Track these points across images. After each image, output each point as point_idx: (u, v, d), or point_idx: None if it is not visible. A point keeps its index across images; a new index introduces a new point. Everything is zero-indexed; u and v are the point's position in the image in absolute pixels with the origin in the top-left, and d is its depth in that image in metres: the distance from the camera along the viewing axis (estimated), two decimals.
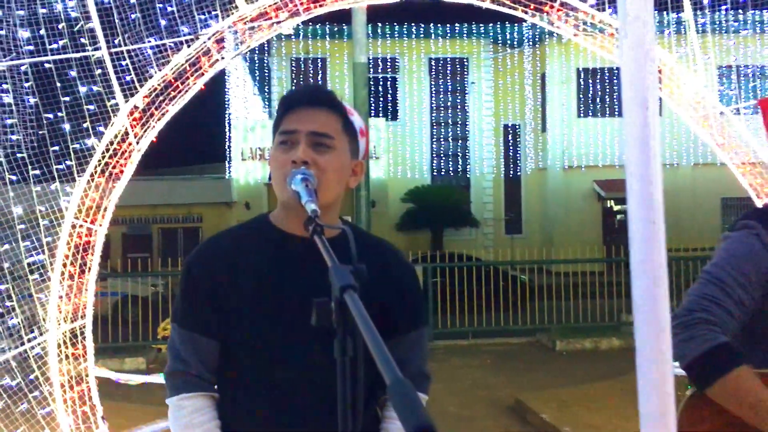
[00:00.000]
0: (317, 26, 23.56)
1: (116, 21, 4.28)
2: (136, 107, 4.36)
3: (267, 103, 25.47)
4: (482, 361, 9.96)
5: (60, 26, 4.05)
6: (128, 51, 4.33)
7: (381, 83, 24.12)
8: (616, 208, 24.08)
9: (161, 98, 4.46)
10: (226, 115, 23.30)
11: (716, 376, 1.82)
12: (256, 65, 24.19)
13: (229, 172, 23.08)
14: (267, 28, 4.76)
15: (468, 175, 24.86)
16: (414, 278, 2.00)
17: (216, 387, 1.88)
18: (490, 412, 7.58)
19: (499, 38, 24.17)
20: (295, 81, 24.21)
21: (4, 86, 3.75)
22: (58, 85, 4.01)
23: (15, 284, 3.68)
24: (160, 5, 4.41)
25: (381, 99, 24.15)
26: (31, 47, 3.91)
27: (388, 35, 23.58)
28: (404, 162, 24.18)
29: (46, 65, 3.99)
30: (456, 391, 8.28)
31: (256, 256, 1.87)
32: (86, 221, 4.05)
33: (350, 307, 1.22)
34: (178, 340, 1.87)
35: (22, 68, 3.88)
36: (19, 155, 3.80)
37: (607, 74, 22.67)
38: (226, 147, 23.07)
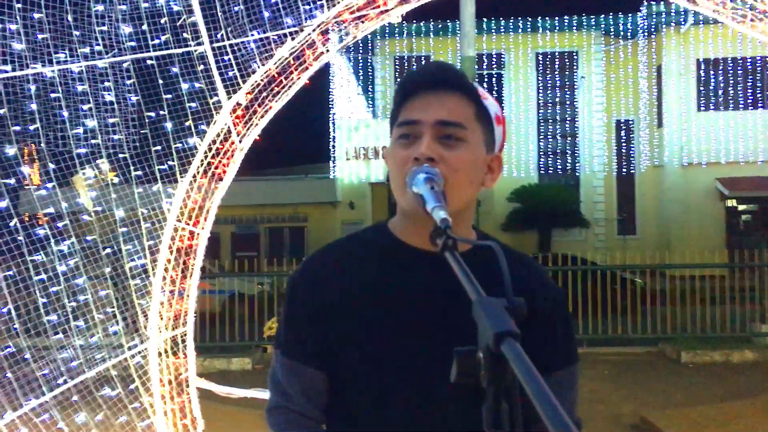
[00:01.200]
0: (422, 23, 23.28)
1: (219, 14, 4.09)
2: (238, 104, 4.16)
3: (371, 102, 25.43)
4: (599, 372, 9.30)
5: (162, 21, 3.89)
6: (231, 45, 4.13)
7: (486, 80, 23.54)
8: (740, 208, 22.45)
9: (264, 94, 4.24)
10: (330, 115, 23.40)
11: None
12: (360, 64, 24.17)
13: (334, 172, 23.17)
14: (375, 17, 4.46)
15: (577, 173, 23.88)
16: (564, 305, 1.62)
17: (324, 426, 1.57)
18: (612, 430, 6.99)
19: (611, 30, 23.06)
20: (398, 79, 24.00)
21: (106, 84, 3.61)
22: (160, 82, 3.84)
23: (116, 290, 3.54)
24: None
25: None
26: (133, 43, 3.76)
27: (493, 30, 23.00)
28: (510, 160, 23.51)
29: (148, 61, 3.83)
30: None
31: (370, 273, 1.54)
32: (188, 224, 3.88)
33: (511, 363, 0.85)
34: (280, 370, 1.57)
35: (124, 65, 3.73)
36: (121, 155, 3.66)
37: (731, 65, 21.14)
38: (331, 147, 23.17)
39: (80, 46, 3.58)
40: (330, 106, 23.76)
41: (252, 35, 4.19)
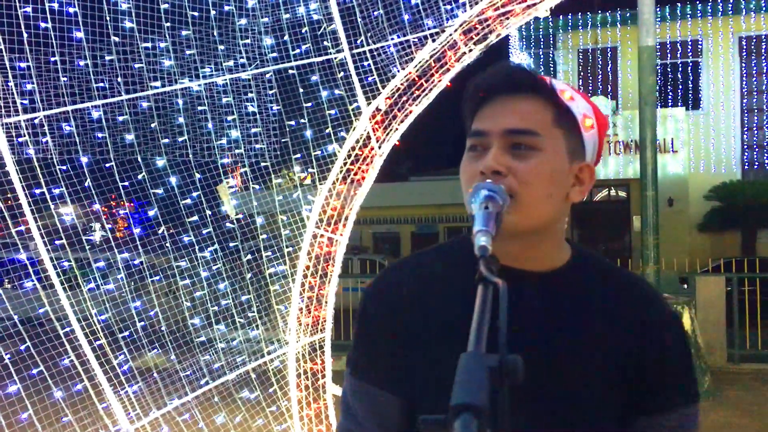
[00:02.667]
0: (607, 13, 22.11)
1: (358, 20, 4.08)
2: (378, 109, 4.13)
3: None
4: None
5: (303, 30, 3.95)
6: (370, 51, 4.11)
7: (680, 69, 21.84)
8: None
9: (404, 98, 4.17)
10: None
11: None
12: (541, 59, 23.46)
13: None
14: (521, 12, 4.22)
15: None
16: (677, 334, 1.38)
17: None
18: None
19: None
20: (582, 74, 23.02)
21: (249, 95, 3.73)
22: (301, 91, 3.91)
23: (256, 295, 3.64)
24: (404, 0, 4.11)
25: (680, 86, 21.87)
26: (275, 54, 3.85)
27: (688, 15, 21.27)
28: (708, 155, 21.62)
29: (290, 71, 3.91)
30: (763, 428, 6.90)
31: (449, 289, 1.39)
32: (327, 230, 3.90)
33: None
34: (351, 392, 1.46)
35: (266, 76, 3.83)
36: (263, 164, 3.77)
37: None
38: None
39: (225, 59, 3.73)
40: None
41: (392, 39, 4.14)
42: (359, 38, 4.09)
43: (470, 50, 4.23)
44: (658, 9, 21.45)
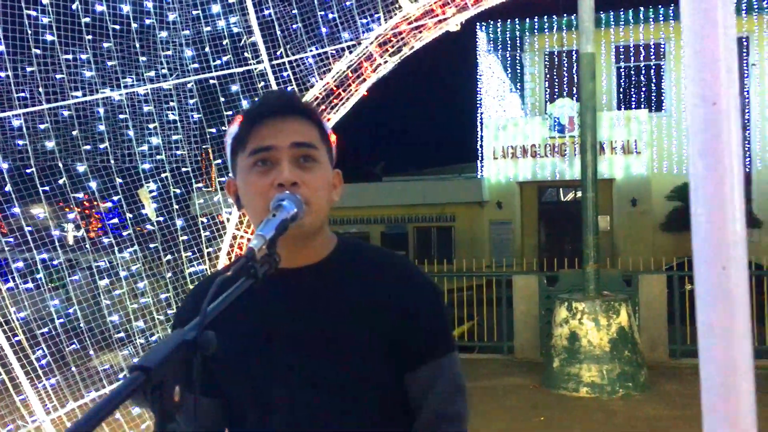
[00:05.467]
0: (572, 17, 22.50)
1: (278, 33, 4.30)
2: None
3: (521, 100, 24.99)
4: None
5: (223, 43, 4.16)
6: (290, 62, 4.34)
7: (643, 72, 22.30)
8: None
9: (322, 107, 4.40)
10: (478, 114, 23.28)
11: None
12: (509, 62, 23.81)
13: (481, 172, 23.03)
14: (433, 26, 4.47)
15: (748, 169, 21.92)
16: (431, 297, 1.61)
17: None
18: None
19: None
20: (548, 76, 23.39)
21: (171, 104, 3.94)
22: (222, 99, 4.12)
23: (175, 293, 3.86)
24: (322, 13, 4.35)
25: (643, 89, 22.32)
26: (196, 65, 4.06)
27: (651, 19, 21.72)
28: (670, 156, 22.08)
29: (210, 81, 4.12)
30: (694, 422, 7.20)
31: (247, 301, 1.61)
32: (247, 232, 4.12)
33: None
34: None
35: (188, 86, 4.04)
36: (183, 169, 3.97)
37: None
38: (479, 146, 23.04)
39: (146, 70, 3.94)
40: (478, 105, 23.63)
41: (310, 51, 4.37)
42: (279, 50, 4.31)
43: (386, 61, 4.47)
44: (621, 12, 21.95)
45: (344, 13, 4.34)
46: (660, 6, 21.69)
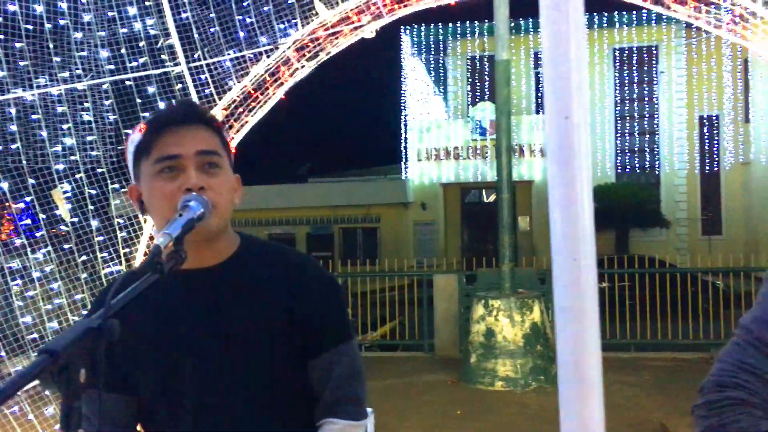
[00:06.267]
0: (494, 23, 23.07)
1: (195, 36, 4.36)
2: None
3: (444, 103, 25.46)
4: (641, 377, 9.06)
5: (140, 44, 4.19)
6: (207, 65, 4.40)
7: None
8: None
9: (240, 110, 4.48)
10: (403, 117, 23.60)
11: None
12: (432, 65, 24.23)
13: (405, 173, 23.35)
14: (349, 33, 4.61)
15: (657, 172, 23.04)
16: (329, 290, 1.73)
17: None
18: None
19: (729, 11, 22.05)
20: (470, 80, 23.93)
21: (85, 105, 3.94)
22: (138, 101, 4.14)
23: (91, 294, 3.86)
24: (240, 17, 4.42)
25: None
26: (112, 66, 4.07)
27: None
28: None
29: (127, 83, 4.14)
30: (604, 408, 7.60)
31: (155, 302, 1.69)
32: None
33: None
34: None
35: (103, 87, 4.05)
36: (99, 170, 3.98)
37: None
38: (403, 148, 23.36)
39: (60, 71, 3.93)
40: (402, 107, 23.96)
41: (228, 54, 4.45)
42: (196, 53, 4.36)
43: (303, 66, 4.59)
44: (539, 20, 22.61)
45: (262, 18, 4.43)
46: None
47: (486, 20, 23.05)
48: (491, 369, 8.46)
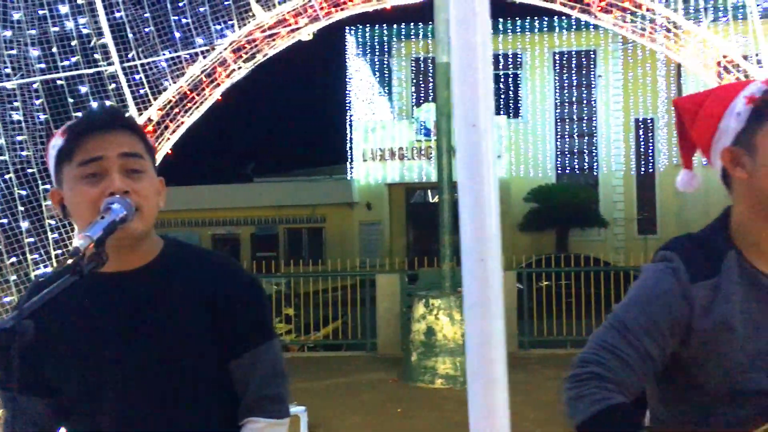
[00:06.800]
0: None
1: (129, 36, 4.32)
2: (150, 120, 4.39)
3: (390, 103, 25.61)
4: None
5: (72, 43, 4.14)
6: (142, 65, 4.37)
7: (502, 80, 23.50)
8: None
9: (176, 110, 4.47)
10: (348, 117, 23.65)
11: None
12: (377, 66, 24.35)
13: (351, 173, 23.40)
14: (286, 35, 4.65)
15: (595, 173, 23.67)
16: (251, 291, 1.76)
17: None
18: (568, 430, 7.05)
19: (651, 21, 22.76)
20: (414, 81, 24.13)
21: (15, 104, 3.88)
22: (70, 101, 4.09)
23: (20, 296, 3.80)
24: (175, 18, 4.41)
25: (502, 96, 23.53)
26: (43, 65, 4.01)
27: (509, 30, 22.93)
28: (527, 160, 23.43)
29: (58, 82, 4.08)
30: (538, 404, 7.79)
31: (72, 303, 1.71)
32: None
33: None
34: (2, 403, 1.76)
35: (34, 86, 3.99)
36: (29, 170, 3.92)
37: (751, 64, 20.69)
38: (348, 148, 23.41)
39: None
40: (347, 107, 24.02)
41: (163, 54, 4.43)
42: (130, 53, 4.33)
43: (239, 67, 4.61)
44: None
45: (198, 19, 4.43)
46: (517, 18, 22.96)
47: (430, 22, 23.27)
48: (431, 367, 8.59)
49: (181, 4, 4.31)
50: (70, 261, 1.46)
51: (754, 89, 1.58)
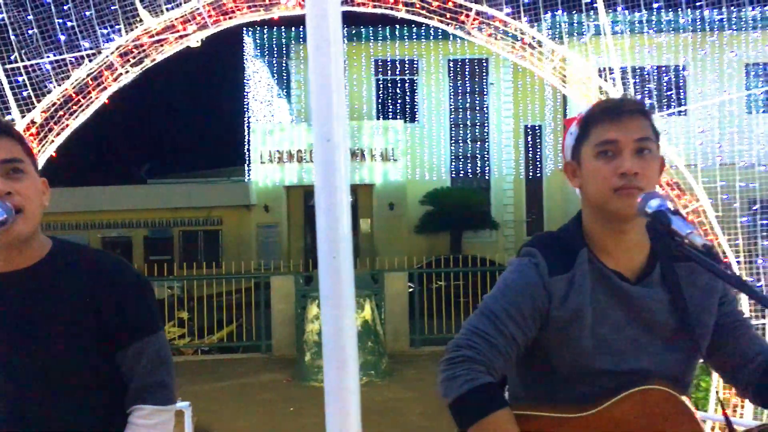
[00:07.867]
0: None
1: (11, 37, 4.29)
2: (33, 122, 4.37)
3: (289, 105, 25.61)
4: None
5: None
6: (25, 67, 4.34)
7: (399, 85, 24.01)
8: None
9: (61, 113, 4.46)
10: (245, 119, 23.49)
11: (474, 418, 1.67)
12: (275, 68, 24.31)
13: (249, 175, 23.25)
14: (174, 41, 4.72)
15: (488, 177, 24.56)
16: (136, 287, 1.88)
17: None
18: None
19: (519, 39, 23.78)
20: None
21: None
22: None
23: None
24: (60, 21, 4.40)
25: (399, 101, 24.04)
26: None
27: (406, 37, 23.46)
28: (423, 164, 24.03)
29: None
30: (425, 400, 8.14)
31: None
32: None
33: None
34: None
35: None
36: None
37: (631, 74, 22.08)
38: (246, 150, 23.25)
39: None
40: (245, 109, 23.84)
41: (47, 57, 4.41)
42: (13, 54, 4.29)
43: (127, 71, 4.64)
44: (379, 28, 23.43)
45: (83, 22, 4.44)
46: (413, 26, 23.51)
47: None
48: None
49: (65, 7, 4.31)
50: None
51: (583, 111, 1.88)
